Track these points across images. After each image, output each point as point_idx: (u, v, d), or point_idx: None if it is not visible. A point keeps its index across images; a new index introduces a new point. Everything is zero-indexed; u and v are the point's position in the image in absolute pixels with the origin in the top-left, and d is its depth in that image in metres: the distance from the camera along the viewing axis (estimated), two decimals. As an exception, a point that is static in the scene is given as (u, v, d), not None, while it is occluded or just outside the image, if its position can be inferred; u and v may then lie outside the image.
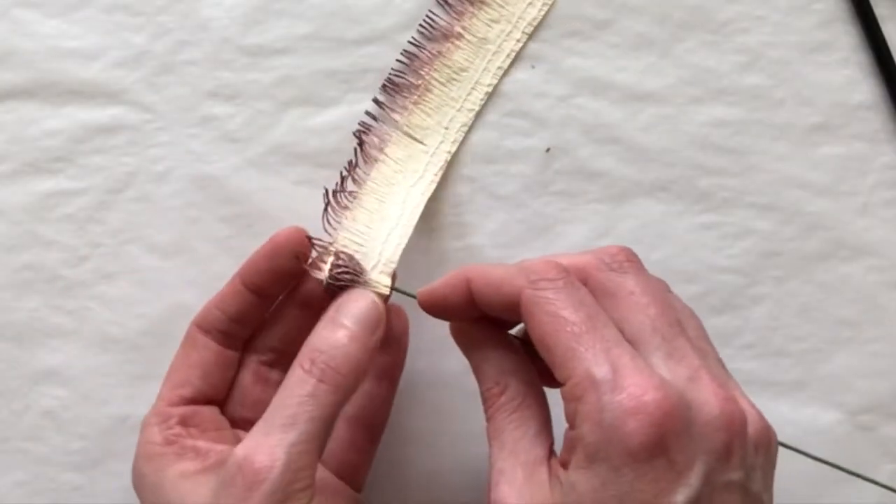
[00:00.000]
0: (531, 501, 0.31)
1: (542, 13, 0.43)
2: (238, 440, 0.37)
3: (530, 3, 0.43)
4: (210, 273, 0.42)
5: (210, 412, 0.38)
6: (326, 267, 0.36)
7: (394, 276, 0.37)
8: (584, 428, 0.30)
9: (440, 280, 0.35)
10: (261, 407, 0.35)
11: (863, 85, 0.44)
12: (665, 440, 0.29)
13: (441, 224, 0.43)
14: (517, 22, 0.43)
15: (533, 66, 0.44)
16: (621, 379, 0.29)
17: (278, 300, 0.39)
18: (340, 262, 0.36)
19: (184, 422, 0.37)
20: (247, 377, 0.39)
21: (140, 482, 0.36)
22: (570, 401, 0.30)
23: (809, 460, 0.37)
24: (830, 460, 0.43)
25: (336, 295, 0.36)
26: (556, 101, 0.43)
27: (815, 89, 0.44)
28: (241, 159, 0.43)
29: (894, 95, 0.44)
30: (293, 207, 0.42)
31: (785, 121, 0.44)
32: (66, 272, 0.42)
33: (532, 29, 0.43)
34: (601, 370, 0.30)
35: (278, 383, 0.37)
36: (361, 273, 0.37)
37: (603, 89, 0.44)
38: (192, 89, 0.43)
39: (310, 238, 0.37)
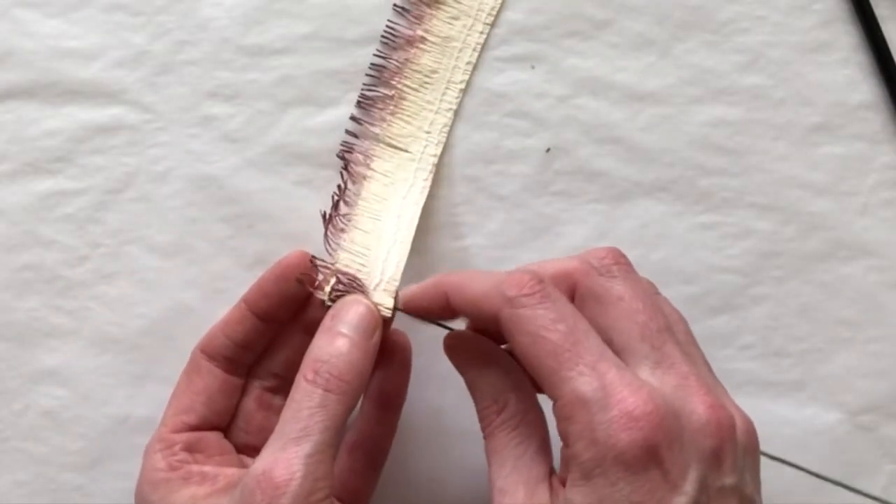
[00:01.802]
0: None
1: (499, 1, 0.43)
2: (243, 465, 0.38)
3: None
4: (210, 273, 0.42)
5: (215, 438, 0.38)
6: (328, 287, 0.36)
7: (397, 296, 0.37)
8: (577, 446, 0.30)
9: (420, 288, 0.35)
10: (264, 433, 0.36)
11: (863, 85, 0.44)
12: (657, 451, 0.29)
13: (441, 224, 0.43)
14: (477, 14, 0.43)
15: (533, 67, 0.44)
16: (610, 395, 0.30)
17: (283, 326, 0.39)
18: (341, 284, 0.36)
19: (188, 448, 0.37)
20: (250, 403, 0.39)
21: None
22: (561, 420, 0.31)
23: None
24: (831, 460, 0.43)
25: None
26: (556, 101, 0.43)
27: (815, 89, 0.44)
28: (241, 159, 0.43)
29: (894, 95, 0.44)
30: (293, 207, 0.42)
31: (785, 121, 0.44)
32: (66, 272, 0.42)
33: (493, 18, 0.43)
34: (589, 388, 0.30)
35: (281, 409, 0.37)
36: (363, 293, 0.37)
37: (603, 89, 0.44)
38: (191, 89, 0.43)
39: (313, 259, 0.37)
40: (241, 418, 0.39)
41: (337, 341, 0.34)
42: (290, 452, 0.32)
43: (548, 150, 0.43)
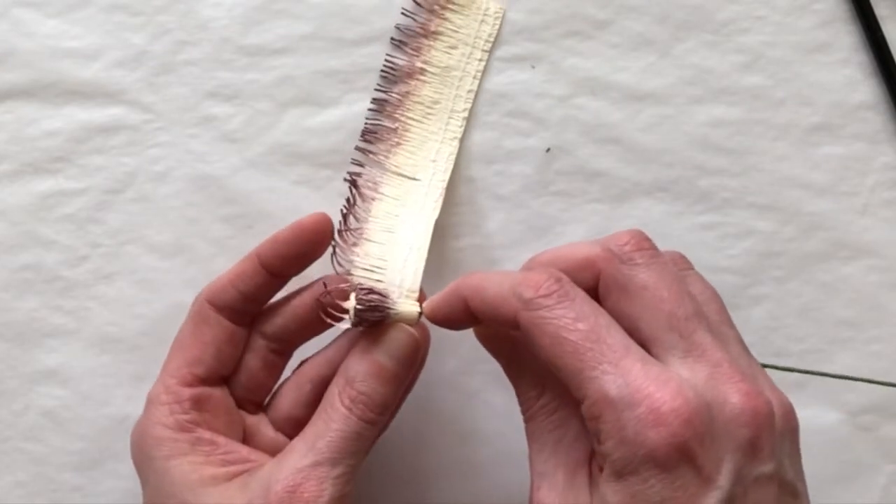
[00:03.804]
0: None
1: (496, 28, 0.43)
2: (245, 426, 0.38)
3: (483, 21, 0.43)
4: (209, 273, 0.42)
5: (220, 395, 0.38)
6: (351, 301, 0.35)
7: (421, 300, 0.36)
8: (607, 445, 0.29)
9: (441, 296, 0.35)
10: (265, 391, 0.38)
11: (863, 85, 0.44)
12: (688, 447, 0.29)
13: (441, 224, 0.43)
14: (475, 42, 0.43)
15: (533, 66, 0.44)
16: (636, 392, 0.29)
17: (292, 290, 0.39)
18: (363, 294, 0.35)
19: (197, 405, 0.37)
20: (254, 361, 0.38)
21: (145, 464, 0.36)
22: (590, 420, 0.30)
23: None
24: (831, 460, 0.43)
25: (365, 325, 0.35)
26: (556, 101, 0.43)
27: (815, 89, 0.44)
28: (241, 159, 0.43)
29: (894, 95, 0.44)
30: (293, 207, 0.42)
31: (785, 121, 0.44)
32: (65, 272, 0.42)
33: (490, 45, 0.43)
34: (614, 387, 0.29)
35: (282, 370, 0.39)
36: (388, 296, 0.36)
37: (603, 89, 0.44)
38: (191, 89, 0.43)
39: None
40: (243, 374, 0.38)
41: (376, 373, 0.35)
42: (321, 471, 0.33)
43: (548, 150, 0.43)
